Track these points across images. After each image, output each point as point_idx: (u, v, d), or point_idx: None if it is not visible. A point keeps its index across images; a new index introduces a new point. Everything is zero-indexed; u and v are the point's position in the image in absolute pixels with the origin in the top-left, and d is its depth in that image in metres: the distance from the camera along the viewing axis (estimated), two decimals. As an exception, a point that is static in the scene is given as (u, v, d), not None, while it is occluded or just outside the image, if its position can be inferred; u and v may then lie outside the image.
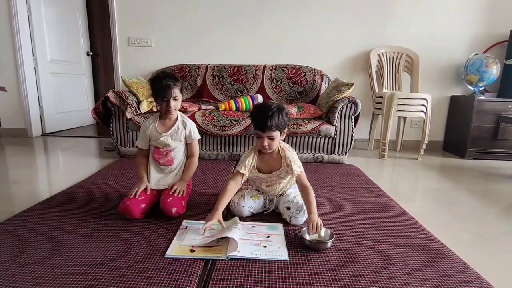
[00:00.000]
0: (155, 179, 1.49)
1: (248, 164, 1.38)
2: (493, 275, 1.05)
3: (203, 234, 1.21)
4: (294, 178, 1.39)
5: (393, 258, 1.12)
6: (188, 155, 1.55)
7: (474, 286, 0.97)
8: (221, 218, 1.26)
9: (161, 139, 1.46)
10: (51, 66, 3.54)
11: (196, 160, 1.55)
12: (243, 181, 1.39)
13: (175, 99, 1.44)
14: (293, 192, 1.46)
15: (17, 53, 3.17)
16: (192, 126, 1.52)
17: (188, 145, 1.54)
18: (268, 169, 1.40)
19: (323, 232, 1.23)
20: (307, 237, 1.19)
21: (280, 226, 1.35)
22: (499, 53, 3.01)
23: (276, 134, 1.29)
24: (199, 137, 1.55)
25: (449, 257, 1.14)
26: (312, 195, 1.34)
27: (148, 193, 1.41)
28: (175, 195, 1.39)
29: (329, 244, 1.17)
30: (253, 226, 1.34)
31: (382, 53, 3.05)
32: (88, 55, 4.15)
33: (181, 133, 1.49)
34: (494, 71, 2.79)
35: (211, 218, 1.23)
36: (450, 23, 3.04)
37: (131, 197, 1.35)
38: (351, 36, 3.10)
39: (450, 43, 3.07)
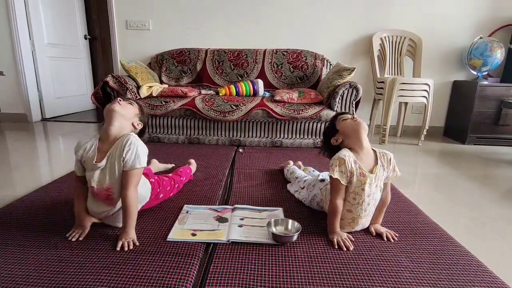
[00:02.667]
0: None
1: (349, 165, 1.10)
2: (490, 259, 1.07)
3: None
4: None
5: (392, 242, 1.14)
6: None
7: (471, 269, 1.00)
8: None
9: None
10: (48, 49, 3.49)
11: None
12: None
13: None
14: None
15: (13, 36, 3.12)
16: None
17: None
18: (368, 167, 1.13)
19: (290, 224, 1.18)
20: (273, 230, 1.14)
21: (280, 210, 1.37)
22: (503, 37, 2.96)
23: None
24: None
25: (446, 240, 1.16)
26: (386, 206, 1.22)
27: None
28: (125, 249, 1.04)
29: (295, 237, 1.11)
30: (252, 211, 1.36)
31: (385, 37, 3.00)
32: (85, 38, 4.08)
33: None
34: (498, 55, 2.75)
35: None
36: (454, 7, 2.97)
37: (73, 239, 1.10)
38: (353, 20, 3.03)
39: (454, 27, 3.02)
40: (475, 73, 2.95)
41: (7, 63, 3.18)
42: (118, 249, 1.04)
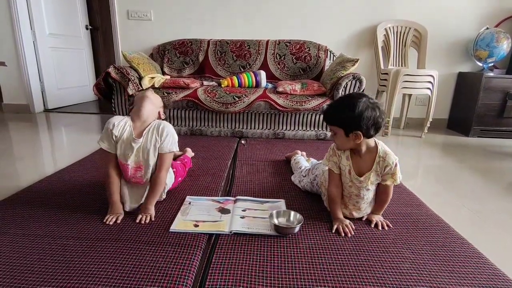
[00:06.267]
0: None
1: (338, 161, 1.16)
2: (492, 252, 1.07)
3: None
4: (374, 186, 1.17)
5: (393, 233, 1.15)
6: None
7: (472, 261, 1.00)
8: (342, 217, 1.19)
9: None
10: (50, 40, 3.47)
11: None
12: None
13: None
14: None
15: (15, 27, 3.09)
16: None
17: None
18: (358, 170, 1.15)
19: (291, 216, 1.19)
20: (275, 221, 1.14)
21: (282, 202, 1.37)
22: (509, 28, 2.91)
23: (337, 130, 1.09)
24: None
25: (448, 233, 1.16)
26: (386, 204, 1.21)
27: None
28: (142, 223, 1.17)
29: (297, 229, 1.12)
30: (254, 202, 1.36)
31: (389, 28, 2.95)
32: (87, 29, 4.05)
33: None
34: (505, 46, 2.71)
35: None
36: (461, -4, 2.92)
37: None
38: (357, 10, 2.98)
39: (459, 18, 2.96)
40: (480, 64, 2.91)
41: (8, 54, 3.17)
42: (137, 221, 1.17)
